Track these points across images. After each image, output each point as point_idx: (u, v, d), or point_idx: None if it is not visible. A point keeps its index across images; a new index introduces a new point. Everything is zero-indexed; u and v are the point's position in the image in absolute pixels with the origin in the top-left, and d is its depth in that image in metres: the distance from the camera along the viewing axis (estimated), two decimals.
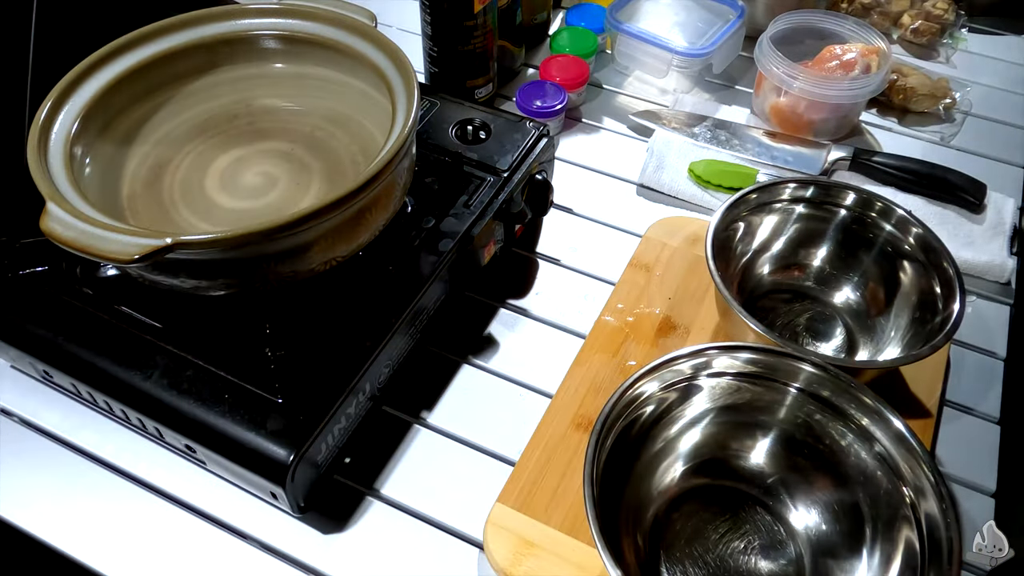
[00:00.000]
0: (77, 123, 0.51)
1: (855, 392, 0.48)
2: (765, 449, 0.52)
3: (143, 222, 0.52)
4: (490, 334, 0.62)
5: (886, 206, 0.59)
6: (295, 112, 0.60)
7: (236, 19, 0.58)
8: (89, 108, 0.52)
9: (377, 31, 0.56)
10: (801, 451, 0.51)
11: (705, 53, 0.78)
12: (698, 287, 0.63)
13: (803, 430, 0.51)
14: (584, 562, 0.49)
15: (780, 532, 0.50)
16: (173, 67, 0.57)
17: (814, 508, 0.50)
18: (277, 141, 0.58)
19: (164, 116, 0.58)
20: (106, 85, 0.53)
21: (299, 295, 0.54)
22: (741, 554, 0.49)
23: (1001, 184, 0.74)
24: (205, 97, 0.59)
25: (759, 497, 0.52)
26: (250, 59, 0.59)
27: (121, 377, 0.50)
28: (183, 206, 0.54)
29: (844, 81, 0.73)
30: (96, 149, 0.53)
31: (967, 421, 0.58)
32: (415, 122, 0.50)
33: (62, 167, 0.48)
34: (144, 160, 0.56)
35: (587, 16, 0.85)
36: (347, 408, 0.50)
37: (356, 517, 0.52)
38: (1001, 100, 0.84)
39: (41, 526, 0.51)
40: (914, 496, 0.45)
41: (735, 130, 0.78)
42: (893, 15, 0.89)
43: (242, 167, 0.56)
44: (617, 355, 0.59)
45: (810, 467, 0.51)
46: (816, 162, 0.74)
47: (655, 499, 0.51)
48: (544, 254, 0.68)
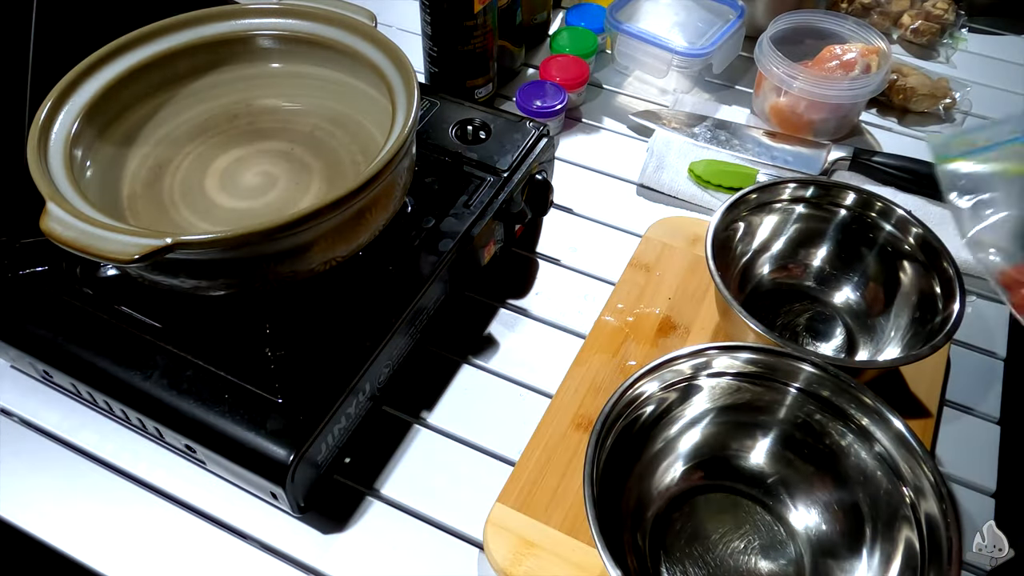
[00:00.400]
0: (77, 123, 0.51)
1: (855, 392, 0.48)
2: (765, 449, 0.52)
3: (143, 222, 0.52)
4: (490, 334, 0.62)
5: (886, 206, 0.59)
6: (295, 112, 0.60)
7: (236, 19, 0.58)
8: (89, 108, 0.52)
9: (377, 31, 0.56)
10: (801, 451, 0.51)
11: (705, 53, 0.78)
12: (698, 287, 0.63)
13: (803, 430, 0.51)
14: (584, 562, 0.49)
15: (780, 532, 0.50)
16: (173, 67, 0.57)
17: (814, 508, 0.50)
18: (277, 141, 0.58)
19: (164, 116, 0.58)
20: (106, 85, 0.53)
21: (299, 295, 0.54)
22: (741, 554, 0.49)
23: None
24: (205, 97, 0.59)
25: (759, 497, 0.52)
26: (250, 59, 0.59)
27: (121, 377, 0.50)
28: (183, 206, 0.54)
29: (844, 81, 0.73)
30: (96, 149, 0.53)
31: (967, 421, 0.58)
32: (415, 122, 0.50)
33: (62, 167, 0.48)
34: (144, 160, 0.56)
35: (587, 16, 0.85)
36: (347, 408, 0.50)
37: (356, 517, 0.52)
38: (1001, 100, 0.84)
39: (41, 526, 0.51)
40: (914, 496, 0.45)
41: (735, 130, 0.78)
42: (893, 15, 0.89)
43: (242, 167, 0.56)
44: (617, 355, 0.59)
45: (810, 467, 0.51)
46: (816, 162, 0.74)
47: (655, 499, 0.51)
48: (544, 254, 0.68)
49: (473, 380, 0.59)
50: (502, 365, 0.60)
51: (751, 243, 0.62)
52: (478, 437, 0.56)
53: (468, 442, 0.56)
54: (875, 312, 0.60)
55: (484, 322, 0.63)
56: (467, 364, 0.60)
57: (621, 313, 0.62)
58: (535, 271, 0.67)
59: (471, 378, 0.60)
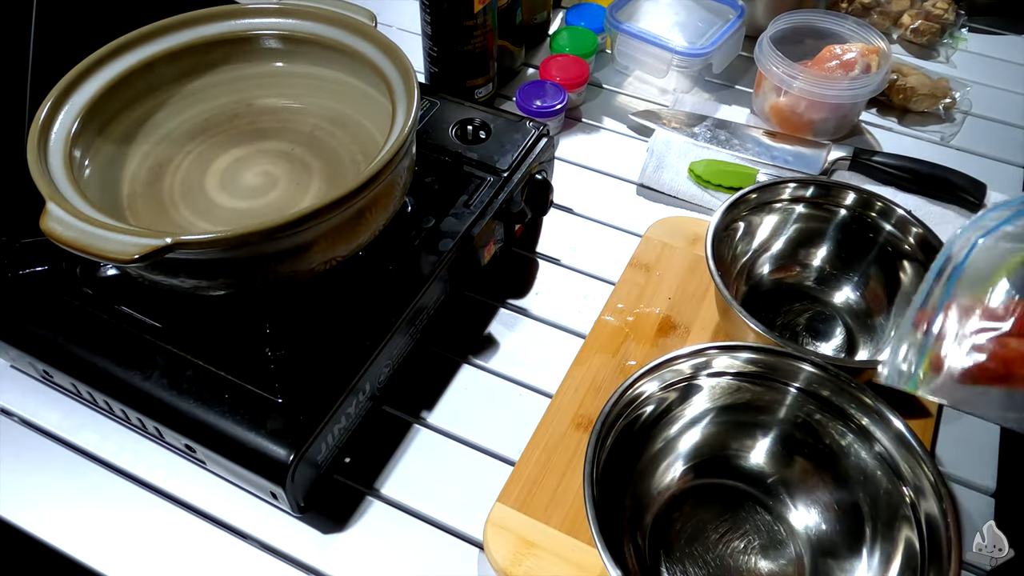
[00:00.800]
0: (77, 123, 0.51)
1: (855, 392, 0.48)
2: (765, 449, 0.52)
3: (143, 222, 0.52)
4: (490, 334, 0.62)
5: (886, 206, 0.59)
6: (295, 112, 0.60)
7: (236, 19, 0.58)
8: (89, 108, 0.52)
9: (377, 31, 0.56)
10: (801, 451, 0.51)
11: (705, 53, 0.78)
12: (698, 287, 0.63)
13: (803, 430, 0.51)
14: (584, 562, 0.49)
15: (780, 532, 0.50)
16: (173, 67, 0.57)
17: (814, 508, 0.50)
18: (277, 141, 0.58)
19: (164, 116, 0.58)
20: (106, 85, 0.53)
21: (299, 295, 0.54)
22: (741, 554, 0.49)
23: (1001, 184, 0.74)
24: (205, 97, 0.59)
25: (759, 497, 0.52)
26: (250, 59, 0.59)
27: (121, 377, 0.50)
28: (183, 206, 0.54)
29: (844, 81, 0.73)
30: (96, 149, 0.53)
31: (967, 421, 0.58)
32: (415, 122, 0.50)
33: (62, 167, 0.48)
34: (144, 160, 0.56)
35: (587, 16, 0.85)
36: (347, 408, 0.50)
37: (356, 517, 0.52)
38: (1001, 100, 0.84)
39: (41, 526, 0.51)
40: (914, 496, 0.45)
41: (735, 130, 0.78)
42: (893, 15, 0.89)
43: (242, 167, 0.56)
44: (617, 355, 0.59)
45: (810, 467, 0.51)
46: (816, 162, 0.74)
47: (655, 499, 0.51)
48: (544, 254, 0.68)
49: (473, 380, 0.59)
50: (502, 365, 0.60)
51: (751, 243, 0.62)
52: (478, 437, 0.56)
53: (468, 442, 0.56)
54: (875, 312, 0.60)
55: (484, 322, 0.63)
56: (467, 364, 0.60)
57: (621, 313, 0.62)
58: (535, 271, 0.67)
59: (471, 378, 0.60)
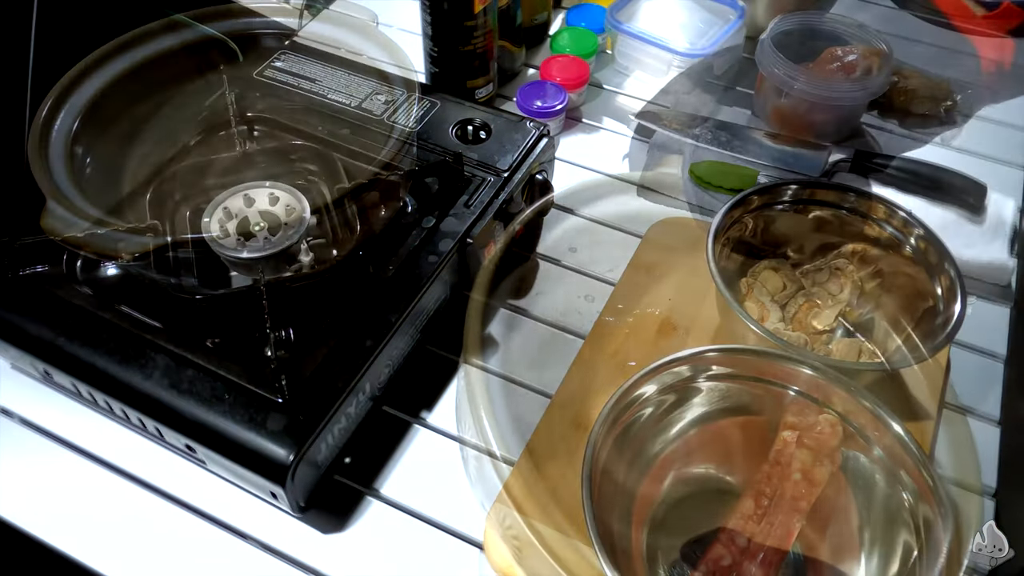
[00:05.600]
0: (77, 122, 0.51)
1: (854, 395, 0.48)
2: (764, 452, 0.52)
3: (143, 221, 0.52)
4: (490, 334, 0.62)
5: (887, 208, 0.59)
6: (295, 112, 0.60)
7: (236, 19, 0.58)
8: (89, 107, 0.52)
9: (377, 31, 0.56)
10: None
11: (705, 54, 0.78)
12: (698, 288, 0.63)
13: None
14: (583, 562, 0.49)
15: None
16: (173, 66, 0.57)
17: (812, 511, 0.50)
18: (277, 141, 0.58)
19: (164, 115, 0.58)
20: (106, 84, 0.53)
21: (299, 295, 0.54)
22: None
23: (1001, 185, 0.73)
24: (205, 96, 0.59)
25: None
26: (250, 58, 0.60)
27: (121, 377, 0.50)
28: (183, 205, 0.54)
29: (845, 83, 0.73)
30: (96, 148, 0.53)
31: (967, 422, 0.58)
32: (415, 122, 0.50)
33: (63, 166, 0.48)
34: (144, 159, 0.56)
35: (587, 16, 0.85)
36: (347, 408, 0.50)
37: (356, 517, 0.52)
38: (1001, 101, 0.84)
39: (41, 526, 0.51)
40: (912, 500, 0.45)
41: (736, 131, 0.77)
42: None
43: (242, 166, 0.56)
44: (617, 355, 0.59)
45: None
46: (817, 164, 0.74)
47: (653, 500, 0.51)
48: (544, 254, 0.68)
49: (473, 380, 0.59)
50: (502, 365, 0.60)
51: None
52: (478, 437, 0.56)
53: (468, 442, 0.56)
54: (875, 313, 0.60)
55: (484, 322, 0.63)
56: (467, 364, 0.60)
57: (621, 313, 0.62)
58: (535, 271, 0.67)
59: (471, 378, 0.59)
